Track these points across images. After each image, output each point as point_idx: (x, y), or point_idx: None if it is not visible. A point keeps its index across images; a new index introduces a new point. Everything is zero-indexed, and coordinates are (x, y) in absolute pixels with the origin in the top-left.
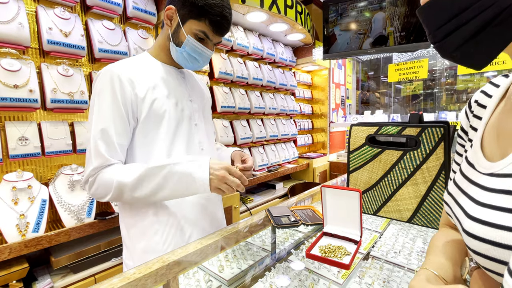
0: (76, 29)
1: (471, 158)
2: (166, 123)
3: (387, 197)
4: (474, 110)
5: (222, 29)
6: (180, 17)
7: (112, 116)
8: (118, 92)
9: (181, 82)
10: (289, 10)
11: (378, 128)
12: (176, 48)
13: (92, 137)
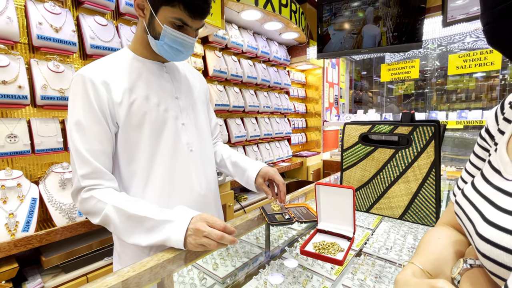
0: (67, 24)
1: (496, 163)
2: (148, 126)
3: (379, 195)
4: (506, 112)
5: (201, 11)
6: (152, 5)
7: (88, 121)
8: (92, 97)
9: (164, 79)
10: (284, 9)
11: (371, 127)
12: (154, 41)
13: (71, 145)
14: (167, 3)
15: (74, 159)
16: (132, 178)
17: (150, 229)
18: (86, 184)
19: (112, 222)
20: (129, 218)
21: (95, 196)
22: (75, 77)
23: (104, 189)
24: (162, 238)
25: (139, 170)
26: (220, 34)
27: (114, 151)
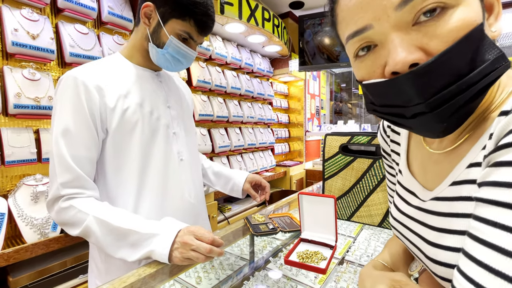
0: (45, 31)
1: (409, 186)
2: (139, 134)
3: (359, 203)
4: (390, 135)
5: (207, 29)
6: (161, 16)
7: (76, 126)
8: (84, 101)
9: (157, 87)
10: (267, 23)
11: (351, 138)
12: (156, 50)
13: (55, 151)
14: (178, 16)
15: (56, 165)
16: (121, 187)
17: (135, 243)
18: (66, 192)
19: (94, 235)
20: (112, 231)
21: (75, 206)
22: (67, 78)
23: (85, 198)
24: (147, 251)
25: (129, 179)
26: (204, 46)
27: (100, 159)
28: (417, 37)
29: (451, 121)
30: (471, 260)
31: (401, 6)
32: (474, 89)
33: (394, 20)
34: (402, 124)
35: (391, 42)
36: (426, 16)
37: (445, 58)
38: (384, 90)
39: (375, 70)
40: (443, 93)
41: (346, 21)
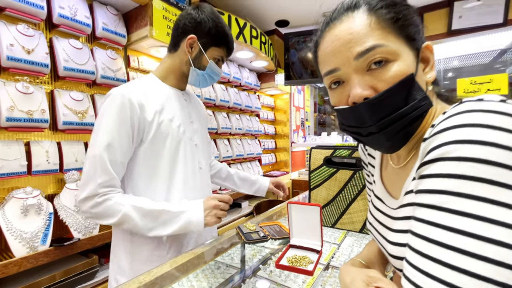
0: (40, 46)
1: (379, 194)
2: (169, 144)
3: (342, 211)
4: (368, 149)
5: (232, 52)
6: (202, 45)
7: (119, 135)
8: (128, 114)
9: (184, 105)
10: (254, 40)
11: (334, 151)
12: (197, 72)
13: (96, 153)
14: (216, 45)
15: (97, 167)
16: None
17: (166, 221)
18: (102, 191)
19: (132, 220)
20: (147, 214)
21: (111, 199)
22: (116, 94)
23: (117, 193)
24: (182, 224)
25: (159, 182)
26: None
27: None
28: (369, 79)
29: (395, 140)
30: (410, 249)
31: (359, 57)
32: (408, 118)
33: (354, 66)
34: (361, 141)
35: (352, 81)
36: (376, 65)
37: (387, 94)
38: (347, 114)
39: (342, 99)
40: (387, 119)
41: (323, 62)
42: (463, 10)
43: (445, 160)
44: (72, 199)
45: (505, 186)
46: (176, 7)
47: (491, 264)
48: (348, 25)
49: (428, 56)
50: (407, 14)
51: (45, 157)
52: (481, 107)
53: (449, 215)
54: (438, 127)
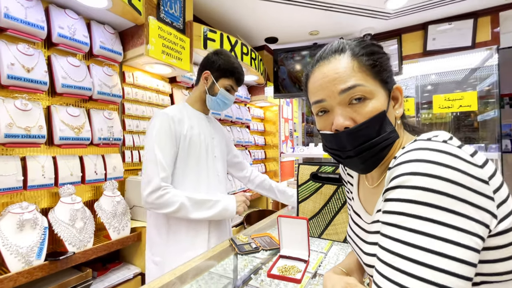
0: (40, 65)
1: (357, 210)
2: (197, 154)
3: (327, 222)
4: (347, 169)
5: (241, 82)
6: (214, 77)
7: (167, 143)
8: (172, 128)
9: (207, 125)
10: (245, 57)
11: (319, 167)
12: (211, 98)
13: (153, 157)
14: (225, 76)
15: (158, 166)
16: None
17: (211, 206)
18: (163, 184)
19: (186, 208)
20: (196, 202)
21: (169, 192)
22: (162, 114)
23: (172, 188)
24: (221, 209)
25: (187, 182)
26: (187, 75)
27: None
28: (350, 111)
29: (368, 164)
30: (377, 259)
31: (342, 93)
32: (379, 146)
33: (337, 99)
34: (340, 162)
35: (335, 112)
36: (356, 101)
37: (363, 126)
38: (330, 139)
39: (327, 125)
40: (362, 146)
41: (312, 93)
42: (437, 32)
43: (402, 187)
44: (67, 212)
45: (443, 209)
46: (171, 26)
47: (433, 270)
48: (335, 65)
49: (398, 95)
50: (383, 61)
51: (41, 172)
52: (428, 146)
53: (405, 232)
54: (398, 159)
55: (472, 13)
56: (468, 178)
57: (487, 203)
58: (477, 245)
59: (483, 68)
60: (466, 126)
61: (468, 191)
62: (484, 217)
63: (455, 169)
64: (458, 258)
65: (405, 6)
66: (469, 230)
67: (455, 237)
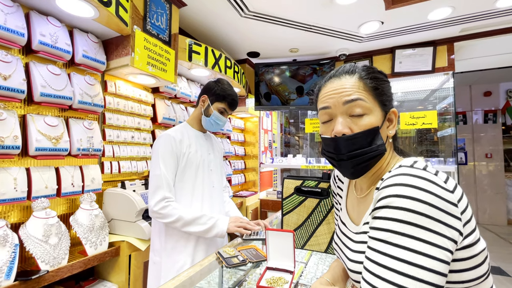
0: (17, 72)
1: (344, 220)
2: (195, 169)
3: (310, 234)
4: (337, 182)
5: (234, 106)
6: (210, 101)
7: (169, 160)
8: (174, 148)
9: (204, 142)
10: (228, 70)
11: (303, 181)
12: (206, 118)
13: (158, 173)
14: (218, 100)
15: (162, 181)
16: (182, 198)
17: (203, 222)
18: (168, 195)
19: (183, 220)
20: (193, 216)
21: (171, 205)
22: (165, 135)
23: (173, 201)
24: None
25: (184, 194)
26: (170, 86)
27: None
28: (349, 122)
29: (357, 169)
30: (364, 268)
31: (345, 104)
32: (368, 155)
33: (341, 109)
34: (334, 164)
35: (337, 120)
36: (356, 114)
37: (358, 135)
38: (329, 142)
39: (328, 131)
40: (354, 152)
41: (321, 101)
42: (402, 56)
43: (388, 208)
44: (41, 228)
45: (422, 227)
46: (157, 38)
47: (413, 280)
48: (344, 82)
49: (393, 118)
50: (384, 87)
51: (13, 185)
52: (411, 173)
53: (389, 246)
54: (385, 182)
55: (432, 42)
56: (442, 202)
57: (455, 223)
58: (448, 258)
59: (441, 90)
60: (428, 140)
61: (442, 213)
62: (454, 235)
63: (432, 193)
64: (434, 270)
65: (376, 32)
66: (443, 246)
67: (431, 252)
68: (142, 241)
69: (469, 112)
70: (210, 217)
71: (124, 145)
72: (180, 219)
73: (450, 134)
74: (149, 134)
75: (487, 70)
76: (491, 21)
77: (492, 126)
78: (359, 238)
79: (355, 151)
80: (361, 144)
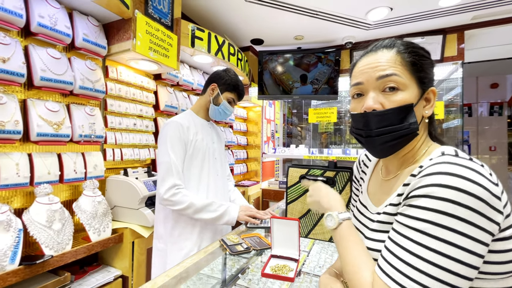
0: (16, 55)
1: (364, 202)
2: (201, 156)
3: (314, 223)
4: (362, 167)
5: (242, 97)
6: (220, 90)
7: (178, 147)
8: (181, 134)
9: (209, 130)
10: (232, 57)
11: (308, 170)
12: (214, 107)
13: (168, 159)
14: (229, 90)
15: (172, 167)
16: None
17: (214, 209)
18: (177, 183)
19: (194, 206)
20: (204, 203)
21: (181, 192)
22: (172, 122)
23: (184, 189)
24: (222, 211)
25: (192, 180)
26: (173, 73)
27: None
28: (381, 98)
29: (385, 147)
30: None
31: (379, 79)
32: (398, 133)
33: (373, 85)
34: (361, 142)
35: (368, 95)
36: (389, 90)
37: (390, 111)
38: (358, 118)
39: (358, 107)
40: (383, 129)
41: (354, 77)
42: None
43: (429, 197)
44: (44, 213)
45: (466, 221)
46: (159, 22)
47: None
48: (380, 56)
49: (431, 97)
50: (424, 63)
51: (15, 170)
52: (458, 162)
53: (429, 238)
54: (426, 170)
55: (442, 30)
56: (488, 194)
57: (497, 217)
58: (485, 252)
59: (448, 80)
60: None
61: (486, 206)
62: (494, 229)
63: (480, 185)
64: (471, 265)
65: (384, 19)
66: (483, 241)
67: (472, 247)
68: (145, 228)
69: (474, 104)
70: (220, 204)
71: (126, 132)
72: (191, 206)
73: (455, 126)
74: (152, 122)
75: (496, 61)
76: (504, 8)
77: (497, 118)
78: (378, 217)
79: (384, 128)
80: (391, 120)
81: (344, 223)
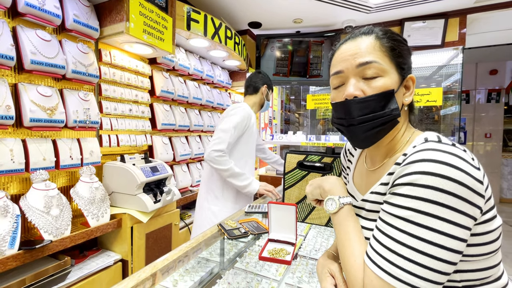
0: (4, 36)
1: (351, 191)
2: (253, 139)
3: (311, 208)
4: (348, 156)
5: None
6: (268, 90)
7: (238, 132)
8: (246, 122)
9: (255, 120)
10: (229, 41)
11: (306, 156)
12: (267, 102)
13: (228, 129)
14: (271, 89)
15: (227, 136)
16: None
17: (243, 179)
18: (225, 150)
19: (232, 171)
20: (239, 172)
21: (226, 157)
22: (246, 109)
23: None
24: (248, 182)
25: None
26: (168, 57)
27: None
28: (362, 85)
29: (367, 136)
30: (377, 241)
31: (359, 66)
32: (380, 120)
33: (353, 72)
34: (343, 131)
35: (349, 83)
36: (369, 76)
37: (371, 98)
38: (339, 107)
39: (339, 96)
40: (365, 116)
41: (333, 66)
42: (411, 29)
43: (412, 185)
44: (41, 199)
45: (449, 208)
46: (153, 3)
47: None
48: (359, 43)
49: (410, 84)
50: (402, 49)
51: (9, 156)
52: (440, 148)
53: (412, 226)
54: (409, 158)
55: (444, 14)
56: (471, 179)
57: (479, 201)
58: (467, 236)
59: (448, 66)
60: (429, 118)
61: (469, 191)
62: (476, 213)
63: (462, 170)
64: (455, 250)
65: (385, 1)
66: (466, 226)
67: (455, 232)
68: (144, 213)
69: (472, 91)
70: (248, 176)
71: (122, 118)
72: (230, 170)
73: (452, 113)
74: (148, 108)
75: (496, 46)
76: None
77: (494, 105)
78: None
79: (366, 115)
80: (373, 107)
81: (345, 207)
